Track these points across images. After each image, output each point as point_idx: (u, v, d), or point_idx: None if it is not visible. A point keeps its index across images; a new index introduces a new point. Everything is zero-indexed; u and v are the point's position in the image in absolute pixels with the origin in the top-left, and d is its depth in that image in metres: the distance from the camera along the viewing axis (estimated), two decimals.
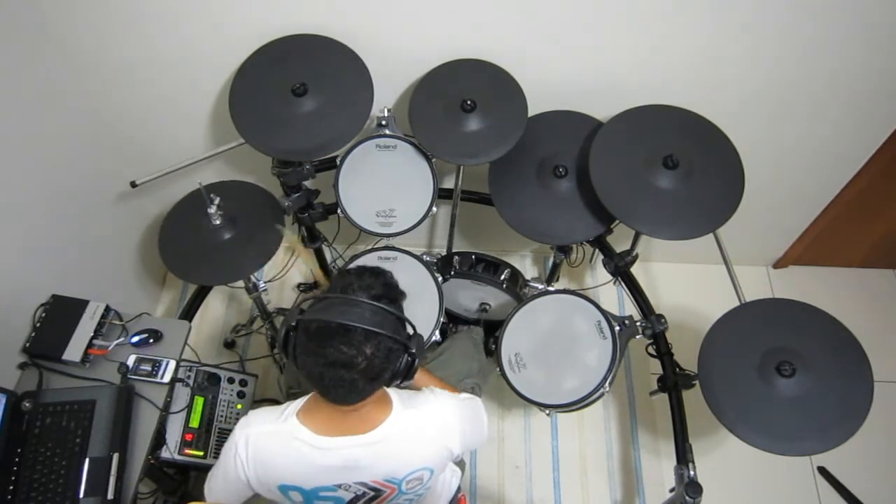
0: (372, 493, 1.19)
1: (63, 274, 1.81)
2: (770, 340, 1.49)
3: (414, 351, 1.11)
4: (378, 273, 1.13)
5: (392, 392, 1.19)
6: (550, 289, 1.82)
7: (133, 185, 1.76)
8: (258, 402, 2.00)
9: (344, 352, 1.01)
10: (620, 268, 1.84)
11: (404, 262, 1.86)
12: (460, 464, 1.58)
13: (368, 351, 1.03)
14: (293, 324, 1.08)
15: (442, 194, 1.81)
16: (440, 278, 1.84)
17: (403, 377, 1.12)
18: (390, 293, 1.12)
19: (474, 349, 1.90)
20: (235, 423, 1.19)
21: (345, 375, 1.03)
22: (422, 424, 1.18)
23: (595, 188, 1.63)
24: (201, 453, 1.72)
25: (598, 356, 1.64)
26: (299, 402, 1.17)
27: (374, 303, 1.05)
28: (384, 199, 1.77)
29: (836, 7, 1.54)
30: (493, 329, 2.06)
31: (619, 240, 1.83)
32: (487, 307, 2.08)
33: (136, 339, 1.62)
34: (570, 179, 1.73)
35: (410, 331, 1.14)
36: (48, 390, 1.54)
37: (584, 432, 2.26)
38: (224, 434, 1.77)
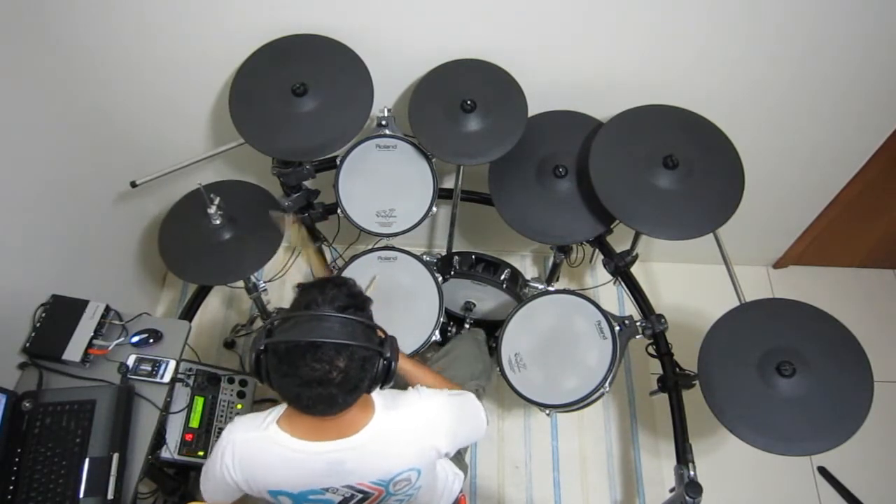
0: (360, 496, 1.18)
1: (63, 274, 1.81)
2: (770, 340, 1.49)
3: (389, 355, 1.09)
4: (340, 283, 1.11)
5: (375, 394, 1.17)
6: (550, 289, 1.82)
7: (133, 185, 1.76)
8: (258, 403, 2.00)
9: (317, 369, 1.00)
10: (620, 268, 1.84)
11: (404, 262, 1.86)
12: (462, 467, 1.57)
13: (342, 364, 1.01)
14: (261, 347, 1.05)
15: (442, 194, 1.81)
16: (440, 278, 1.84)
17: (382, 382, 1.11)
18: (356, 302, 1.10)
19: (478, 351, 1.89)
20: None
21: (322, 392, 1.01)
22: (405, 425, 1.17)
23: (595, 188, 1.63)
24: (201, 453, 1.72)
25: (598, 356, 1.64)
26: (281, 409, 1.16)
27: (339, 314, 1.04)
28: (384, 199, 1.77)
29: (836, 7, 1.54)
30: (493, 329, 2.06)
31: (619, 240, 1.83)
32: (472, 306, 2.09)
33: (136, 339, 1.62)
34: (570, 179, 1.73)
35: (382, 335, 1.12)
36: (48, 390, 1.53)
37: (584, 432, 2.26)
38: None
